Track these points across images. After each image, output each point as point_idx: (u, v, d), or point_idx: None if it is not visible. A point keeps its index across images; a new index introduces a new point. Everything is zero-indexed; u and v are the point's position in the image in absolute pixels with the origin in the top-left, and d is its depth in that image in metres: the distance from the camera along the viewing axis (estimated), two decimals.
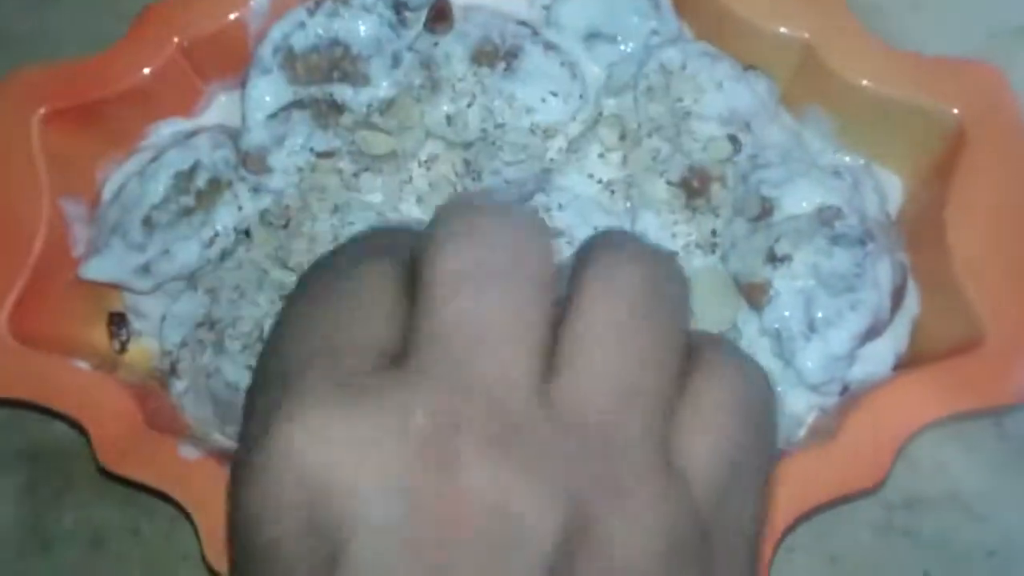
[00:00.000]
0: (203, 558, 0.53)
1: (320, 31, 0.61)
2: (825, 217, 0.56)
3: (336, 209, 0.60)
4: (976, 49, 0.65)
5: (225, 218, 0.60)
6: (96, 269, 0.60)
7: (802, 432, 0.57)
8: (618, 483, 0.27)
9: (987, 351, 0.53)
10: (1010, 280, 0.53)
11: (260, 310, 0.59)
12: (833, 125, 0.61)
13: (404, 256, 0.30)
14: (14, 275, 0.57)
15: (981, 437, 0.60)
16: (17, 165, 0.59)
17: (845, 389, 0.57)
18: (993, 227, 0.54)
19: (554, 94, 0.60)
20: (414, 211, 0.61)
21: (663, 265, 0.31)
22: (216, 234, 0.60)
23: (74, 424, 0.56)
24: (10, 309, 0.57)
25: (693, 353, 0.30)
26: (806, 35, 0.58)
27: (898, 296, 0.57)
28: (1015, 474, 0.60)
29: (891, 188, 0.61)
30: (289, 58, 0.61)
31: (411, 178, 0.61)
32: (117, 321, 0.62)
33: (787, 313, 0.55)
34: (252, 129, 0.61)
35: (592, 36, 0.62)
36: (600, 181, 0.60)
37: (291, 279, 0.59)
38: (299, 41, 0.61)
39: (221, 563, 0.53)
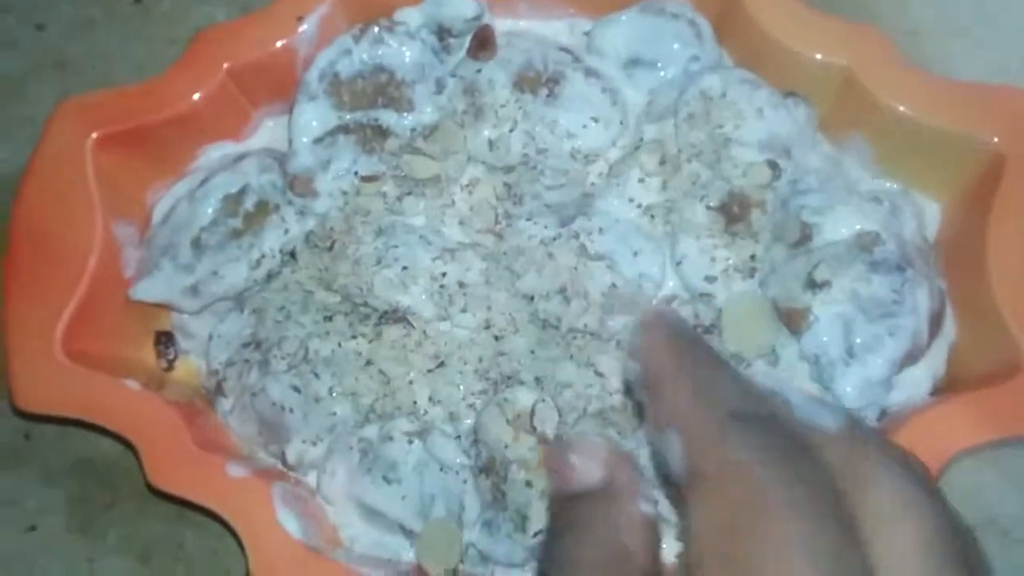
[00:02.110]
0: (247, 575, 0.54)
1: (365, 57, 0.62)
2: (864, 243, 0.57)
3: (380, 232, 0.61)
4: (1015, 74, 0.65)
5: (272, 240, 0.61)
6: (146, 290, 0.61)
7: None
8: None
9: None
10: None
11: (305, 331, 0.60)
12: (872, 151, 0.61)
13: None
14: (68, 296, 0.59)
15: (1019, 462, 0.61)
16: (71, 189, 0.60)
17: (883, 414, 0.57)
18: None
19: (595, 120, 0.61)
20: (456, 234, 0.62)
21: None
22: (263, 256, 0.61)
23: (123, 442, 0.57)
24: (63, 329, 0.58)
25: None
26: (845, 62, 0.59)
27: (936, 322, 0.58)
28: None
29: (929, 214, 0.62)
30: (335, 84, 0.62)
31: (453, 201, 0.62)
32: (164, 340, 0.64)
33: (826, 339, 0.56)
34: (299, 153, 0.62)
35: (633, 62, 0.63)
36: (640, 205, 0.61)
37: (335, 300, 0.60)
38: (345, 68, 0.62)
39: None
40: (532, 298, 0.59)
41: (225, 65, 0.62)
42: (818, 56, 0.60)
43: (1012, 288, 0.54)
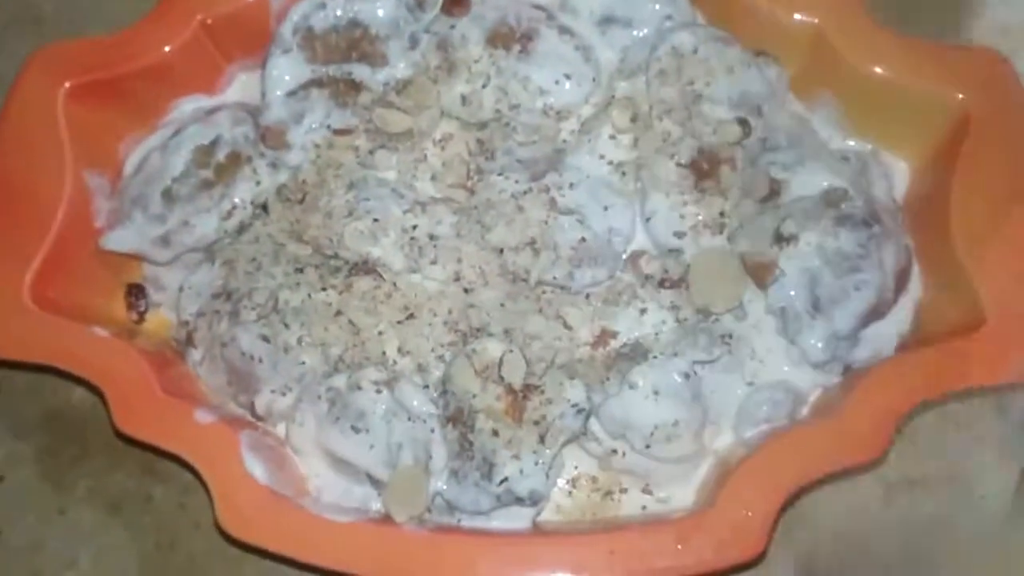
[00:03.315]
0: (215, 523, 0.54)
1: (339, 12, 0.62)
2: (831, 199, 0.57)
3: (352, 185, 0.61)
4: (986, 40, 0.66)
5: (243, 192, 0.61)
6: (117, 240, 0.61)
7: (805, 410, 0.58)
8: None
9: (987, 332, 0.53)
10: (1011, 263, 0.54)
11: (275, 282, 0.60)
12: (841, 111, 0.62)
13: None
14: (36, 244, 0.59)
15: (981, 419, 0.61)
16: (42, 138, 0.60)
17: (848, 369, 0.58)
18: (995, 211, 0.55)
19: (568, 76, 0.62)
20: (428, 188, 0.62)
21: None
22: (234, 207, 0.61)
23: (92, 388, 0.57)
24: (32, 277, 0.58)
25: None
26: (815, 21, 0.59)
27: (902, 278, 0.58)
28: (1014, 455, 0.60)
29: (898, 173, 0.62)
30: (309, 38, 0.62)
31: (426, 156, 0.63)
32: (135, 292, 0.64)
33: (792, 292, 0.56)
34: (272, 106, 0.62)
35: (607, 20, 0.63)
36: (611, 162, 0.61)
37: (306, 252, 0.61)
38: (319, 21, 0.62)
39: (232, 527, 0.54)
40: (502, 251, 0.59)
41: (198, 17, 0.61)
42: (789, 16, 0.60)
43: (974, 243, 0.55)
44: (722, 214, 0.59)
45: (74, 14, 0.73)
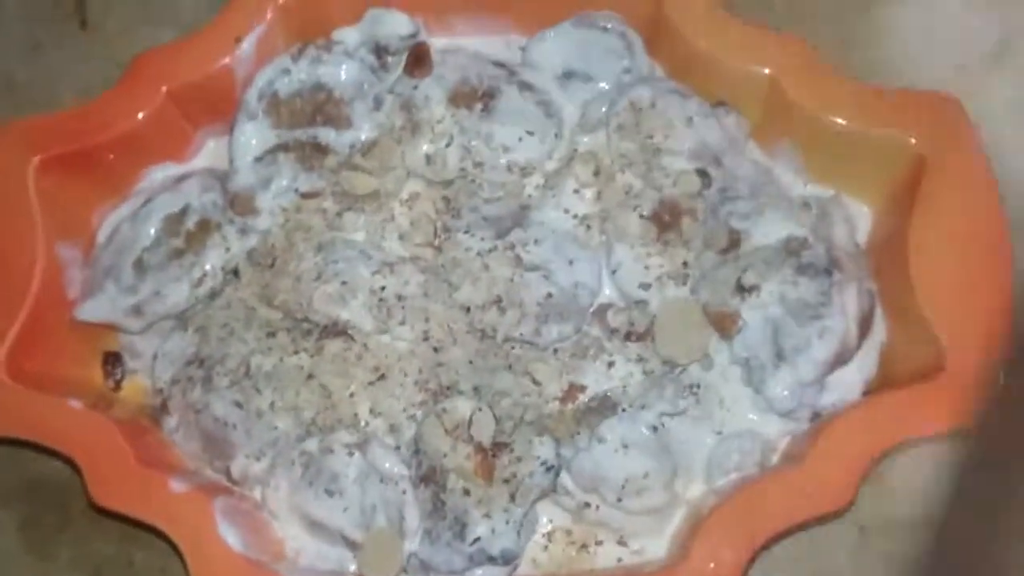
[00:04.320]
0: None
1: (304, 76, 0.63)
2: (791, 248, 0.58)
3: (320, 248, 0.62)
4: (944, 80, 0.66)
5: (214, 259, 0.62)
6: (90, 311, 0.62)
7: (776, 457, 0.59)
8: None
9: (947, 376, 0.54)
10: (968, 305, 0.55)
11: (247, 347, 0.61)
12: (801, 158, 0.62)
13: None
14: (11, 317, 0.59)
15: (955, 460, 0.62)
16: (14, 211, 0.61)
17: (816, 416, 0.58)
18: (951, 253, 0.56)
19: (530, 133, 0.62)
20: (396, 248, 0.63)
21: None
22: (205, 274, 0.62)
23: (69, 461, 0.58)
24: (7, 350, 0.59)
25: None
26: (767, 71, 0.60)
27: (866, 323, 0.59)
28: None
29: (860, 217, 0.63)
30: (274, 103, 0.63)
31: (393, 216, 0.63)
32: (112, 360, 0.64)
33: (755, 342, 0.57)
34: (239, 172, 0.63)
35: (567, 75, 0.64)
36: (576, 216, 0.62)
37: (277, 316, 0.61)
38: (284, 86, 0.63)
39: None
40: (468, 309, 0.60)
41: (164, 88, 0.62)
42: (741, 66, 0.61)
43: (933, 288, 0.56)
44: (685, 264, 0.60)
45: (46, 80, 0.74)
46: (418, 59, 0.64)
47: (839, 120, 0.59)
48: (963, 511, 0.53)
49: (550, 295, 0.59)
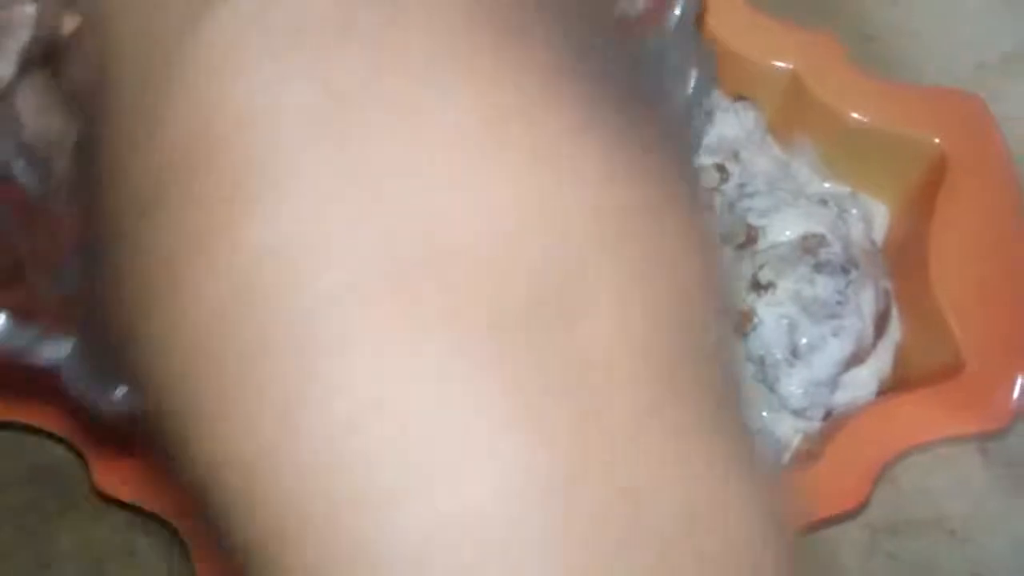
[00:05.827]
0: None
1: None
2: (808, 245, 0.57)
3: None
4: (964, 79, 0.66)
5: None
6: None
7: (787, 456, 0.58)
8: None
9: (966, 378, 0.53)
10: (989, 307, 0.54)
11: None
12: (820, 154, 0.62)
13: None
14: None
15: (967, 463, 0.61)
16: None
17: (829, 414, 0.58)
18: (973, 254, 0.55)
19: None
20: None
21: None
22: None
23: (72, 447, 0.57)
24: None
25: None
26: (792, 66, 0.59)
27: (881, 323, 0.58)
28: (999, 498, 0.60)
29: (877, 216, 0.62)
30: None
31: None
32: None
33: (770, 340, 0.56)
34: None
35: None
36: None
37: None
38: None
39: None
40: None
41: None
42: (767, 61, 0.60)
43: (953, 288, 0.55)
44: None
45: None
46: None
47: (861, 117, 0.58)
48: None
49: None
